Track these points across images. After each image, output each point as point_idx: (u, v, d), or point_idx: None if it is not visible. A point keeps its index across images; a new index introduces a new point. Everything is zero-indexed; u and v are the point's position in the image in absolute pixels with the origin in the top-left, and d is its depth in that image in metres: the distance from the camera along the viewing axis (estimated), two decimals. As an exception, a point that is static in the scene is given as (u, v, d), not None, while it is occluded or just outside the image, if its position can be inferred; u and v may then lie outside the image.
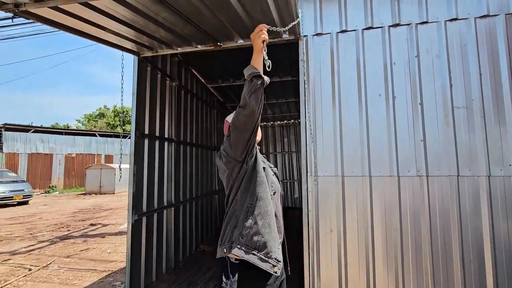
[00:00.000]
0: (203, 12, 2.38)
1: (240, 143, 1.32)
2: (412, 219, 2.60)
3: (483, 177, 2.51)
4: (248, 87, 1.28)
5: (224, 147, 1.39)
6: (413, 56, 2.74)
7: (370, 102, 2.77)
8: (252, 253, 1.28)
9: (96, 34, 2.63)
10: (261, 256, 1.28)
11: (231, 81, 5.86)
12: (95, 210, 10.38)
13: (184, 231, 4.69)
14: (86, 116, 34.30)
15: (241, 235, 1.31)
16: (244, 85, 1.31)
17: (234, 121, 1.31)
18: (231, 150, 1.35)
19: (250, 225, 1.31)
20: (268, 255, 1.30)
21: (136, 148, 3.34)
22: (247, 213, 1.33)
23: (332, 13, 2.94)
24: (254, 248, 1.29)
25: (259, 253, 1.28)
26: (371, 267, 2.62)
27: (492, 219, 2.46)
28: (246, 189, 1.36)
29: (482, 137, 2.54)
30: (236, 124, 1.31)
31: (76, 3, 1.97)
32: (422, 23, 2.75)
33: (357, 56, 2.85)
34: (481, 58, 2.62)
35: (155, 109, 3.91)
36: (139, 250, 3.44)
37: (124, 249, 5.25)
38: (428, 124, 2.64)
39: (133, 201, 3.25)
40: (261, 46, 1.37)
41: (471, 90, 2.60)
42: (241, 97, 1.31)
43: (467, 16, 2.67)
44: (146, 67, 3.64)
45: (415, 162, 2.63)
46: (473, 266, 2.45)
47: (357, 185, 2.73)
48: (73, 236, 6.58)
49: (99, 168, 16.26)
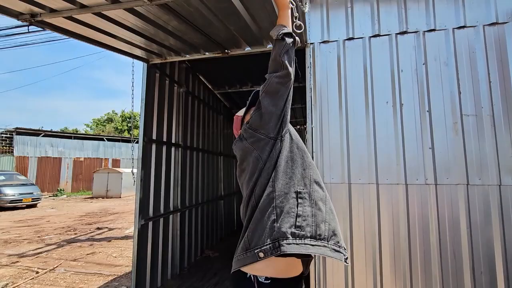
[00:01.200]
0: (212, 21, 2.43)
1: (273, 114, 1.11)
2: (421, 228, 2.56)
3: (493, 186, 2.46)
4: (279, 48, 1.12)
5: (252, 122, 1.16)
6: (420, 63, 2.73)
7: (377, 110, 2.76)
8: (321, 245, 1.02)
9: (107, 42, 2.70)
10: (333, 247, 1.04)
11: (238, 87, 5.91)
12: (101, 214, 10.47)
13: (189, 236, 4.70)
14: (95, 120, 34.88)
15: (296, 226, 1.01)
16: (273, 48, 1.15)
17: (265, 87, 1.13)
18: (262, 123, 1.12)
19: (310, 212, 1.05)
20: (338, 243, 1.06)
21: (143, 153, 3.38)
22: (299, 200, 1.06)
23: (339, 20, 2.96)
24: (322, 238, 1.03)
25: (329, 243, 1.04)
26: (379, 275, 2.58)
27: (504, 230, 2.40)
28: (290, 171, 1.10)
29: (492, 145, 2.50)
30: (268, 90, 1.12)
31: (89, 13, 2.03)
32: (430, 31, 2.74)
33: (364, 64, 2.86)
34: (490, 65, 2.59)
35: (163, 115, 3.96)
36: (145, 255, 3.46)
37: (130, 253, 5.27)
38: (436, 132, 2.62)
39: (140, 205, 3.28)
40: (287, 2, 1.24)
41: (480, 98, 2.57)
42: (270, 62, 1.15)
43: (476, 24, 2.65)
44: (155, 74, 3.71)
45: (424, 170, 2.60)
46: (484, 278, 2.39)
47: (364, 193, 2.70)
48: (80, 239, 6.64)
49: (106, 172, 16.45)
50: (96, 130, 32.27)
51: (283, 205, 1.04)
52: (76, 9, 1.97)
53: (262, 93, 1.14)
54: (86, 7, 2.00)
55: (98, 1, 1.96)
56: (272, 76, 1.12)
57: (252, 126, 1.15)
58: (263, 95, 1.13)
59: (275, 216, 1.02)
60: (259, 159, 1.12)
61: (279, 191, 1.06)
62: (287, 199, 1.05)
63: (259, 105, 1.14)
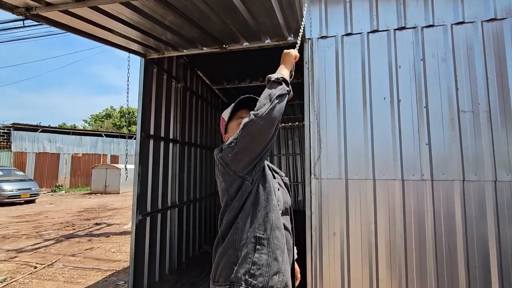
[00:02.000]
0: (209, 16, 2.42)
1: (246, 157, 1.04)
2: (417, 223, 2.58)
3: (489, 182, 2.48)
4: (276, 88, 1.09)
5: (222, 155, 1.08)
6: (418, 59, 2.72)
7: (375, 105, 2.76)
8: None
9: (104, 36, 2.68)
10: None
11: (236, 83, 5.89)
12: (100, 210, 10.48)
13: (187, 232, 4.71)
14: (93, 116, 34.73)
15: (250, 274, 1.00)
16: (267, 88, 1.12)
17: (247, 126, 1.02)
18: (232, 160, 1.05)
19: (266, 261, 1.02)
20: None
21: (141, 149, 3.37)
22: (257, 246, 1.03)
23: (337, 16, 2.95)
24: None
25: None
26: (375, 271, 2.61)
27: (498, 225, 2.42)
28: (252, 214, 1.06)
29: (489, 141, 2.51)
30: (250, 131, 1.02)
31: (85, 7, 2.01)
32: (428, 27, 2.73)
33: (362, 59, 2.85)
34: (487, 62, 2.59)
35: (160, 110, 3.95)
36: (143, 250, 3.47)
37: (128, 248, 5.28)
38: (433, 127, 2.63)
39: (137, 201, 3.29)
40: (293, 62, 1.33)
41: (478, 94, 2.58)
42: (261, 99, 1.08)
43: (474, 20, 2.65)
44: (153, 69, 3.69)
45: (420, 166, 2.61)
46: (478, 272, 2.42)
47: (361, 188, 2.72)
48: (78, 235, 6.66)
49: (105, 168, 16.44)
50: (95, 126, 32.16)
51: (242, 249, 1.03)
52: (72, 2, 1.95)
53: (244, 130, 1.02)
54: (82, 1, 1.98)
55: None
56: (258, 116, 1.01)
57: (223, 159, 1.08)
58: (244, 134, 1.02)
59: (235, 259, 1.03)
60: (225, 192, 1.10)
61: (241, 234, 1.05)
62: (247, 244, 1.04)
63: (234, 141, 1.04)
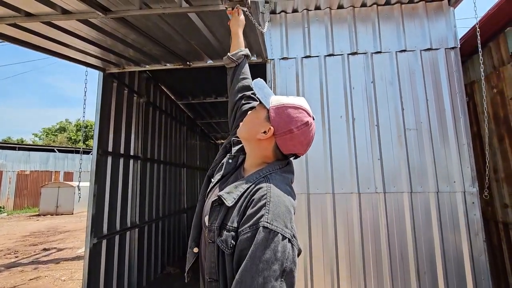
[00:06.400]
0: (173, 36, 2.43)
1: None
2: (372, 233, 2.74)
3: (432, 193, 2.74)
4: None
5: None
6: (369, 81, 2.99)
7: (332, 123, 2.95)
8: None
9: (58, 50, 2.54)
10: None
11: (202, 98, 5.88)
12: (49, 233, 9.48)
13: (149, 253, 4.46)
14: (45, 130, 31.91)
15: None
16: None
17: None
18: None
19: None
20: None
21: (97, 166, 3.18)
22: None
23: (297, 39, 3.14)
24: None
25: None
26: (336, 279, 2.69)
27: (442, 232, 2.68)
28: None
29: (431, 156, 2.80)
30: None
31: (37, 22, 1.91)
32: (377, 53, 3.03)
33: (320, 80, 3.05)
34: (427, 85, 2.93)
35: (120, 126, 3.79)
36: (97, 277, 3.21)
37: (81, 275, 4.83)
38: (384, 144, 2.86)
39: (92, 223, 3.06)
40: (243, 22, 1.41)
41: (420, 114, 2.88)
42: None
43: (414, 49, 2.99)
44: (112, 83, 3.55)
45: (374, 180, 2.81)
46: (427, 277, 2.63)
47: (322, 202, 2.83)
48: (21, 263, 5.93)
49: (57, 186, 15.00)
50: (46, 141, 29.50)
51: None
52: (21, 16, 1.84)
53: None
54: (33, 16, 1.87)
55: (46, 11, 1.84)
56: None
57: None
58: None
59: None
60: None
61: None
62: None
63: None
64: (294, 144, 0.90)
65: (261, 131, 0.91)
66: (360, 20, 3.09)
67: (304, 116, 0.90)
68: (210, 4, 1.82)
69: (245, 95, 1.22)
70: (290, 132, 0.88)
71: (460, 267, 2.61)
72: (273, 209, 0.76)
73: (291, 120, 0.88)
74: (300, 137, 0.89)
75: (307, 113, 0.92)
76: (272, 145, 0.91)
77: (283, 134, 0.88)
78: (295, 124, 0.88)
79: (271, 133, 0.89)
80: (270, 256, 0.70)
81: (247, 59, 1.33)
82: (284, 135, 0.88)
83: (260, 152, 0.93)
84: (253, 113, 0.99)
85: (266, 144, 0.91)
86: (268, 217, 0.74)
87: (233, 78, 1.28)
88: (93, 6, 1.80)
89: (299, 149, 0.91)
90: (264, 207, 0.76)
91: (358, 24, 3.09)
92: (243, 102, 1.20)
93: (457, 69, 2.90)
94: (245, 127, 0.98)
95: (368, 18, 3.08)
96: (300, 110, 0.90)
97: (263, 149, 0.92)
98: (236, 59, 1.28)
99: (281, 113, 0.90)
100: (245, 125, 0.98)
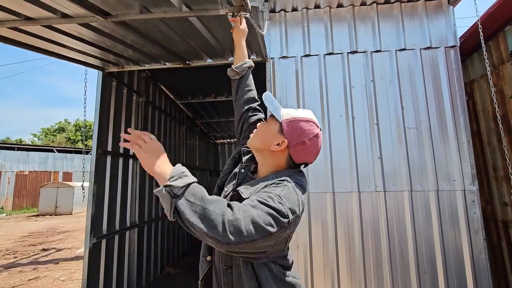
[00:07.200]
0: (172, 37, 2.42)
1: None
2: (373, 232, 2.74)
3: (432, 192, 2.74)
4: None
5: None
6: (369, 80, 2.98)
7: (332, 122, 2.94)
8: None
9: (58, 51, 2.52)
10: None
11: (201, 98, 5.87)
12: (48, 233, 9.46)
13: (148, 253, 4.45)
14: (44, 130, 31.83)
15: None
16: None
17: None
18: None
19: None
20: None
21: (97, 166, 3.16)
22: None
23: (297, 38, 3.13)
24: None
25: None
26: (336, 279, 2.69)
27: (442, 230, 2.68)
28: None
29: (430, 155, 2.80)
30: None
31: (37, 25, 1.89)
32: (376, 52, 3.03)
33: (320, 79, 3.04)
34: (426, 84, 2.93)
35: (119, 125, 3.77)
36: (97, 277, 3.19)
37: (80, 276, 4.82)
38: (384, 142, 2.86)
39: (91, 223, 3.04)
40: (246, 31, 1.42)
41: (420, 113, 2.88)
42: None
43: (414, 47, 2.99)
44: (111, 82, 3.54)
45: (374, 178, 2.81)
46: (427, 276, 2.62)
47: (322, 201, 2.83)
48: (20, 263, 5.91)
49: (56, 186, 14.97)
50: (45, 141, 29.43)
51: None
52: (21, 20, 1.83)
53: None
54: (33, 20, 1.86)
55: (47, 15, 1.83)
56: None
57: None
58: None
59: None
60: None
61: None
62: None
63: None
64: (306, 154, 0.97)
65: (275, 143, 0.97)
66: (359, 19, 3.09)
67: (314, 128, 0.99)
68: (210, 9, 1.82)
69: (251, 107, 1.29)
70: (303, 144, 0.96)
71: (460, 266, 2.61)
72: (287, 193, 0.83)
73: (304, 133, 0.96)
74: (312, 147, 0.97)
75: (316, 125, 1.01)
76: (285, 155, 0.98)
77: (296, 145, 0.96)
78: (307, 136, 0.96)
79: (285, 145, 0.96)
80: (269, 210, 0.76)
81: (251, 70, 1.37)
82: (297, 147, 0.96)
83: (273, 161, 1.00)
84: (264, 126, 1.05)
85: (280, 154, 0.98)
86: (281, 194, 0.81)
87: (238, 90, 1.32)
88: (93, 11, 1.79)
89: (310, 158, 0.99)
90: (280, 188, 0.84)
91: (357, 22, 3.08)
92: (249, 114, 1.27)
93: (456, 68, 2.90)
94: (258, 139, 1.03)
95: (368, 16, 3.08)
96: (310, 123, 0.99)
97: (276, 158, 0.99)
98: (240, 71, 1.32)
99: (294, 126, 0.97)
100: (257, 137, 1.04)
